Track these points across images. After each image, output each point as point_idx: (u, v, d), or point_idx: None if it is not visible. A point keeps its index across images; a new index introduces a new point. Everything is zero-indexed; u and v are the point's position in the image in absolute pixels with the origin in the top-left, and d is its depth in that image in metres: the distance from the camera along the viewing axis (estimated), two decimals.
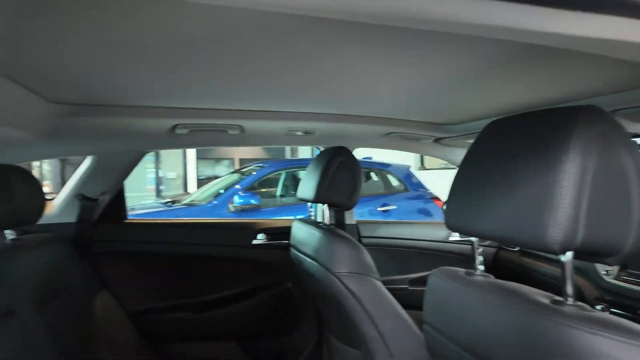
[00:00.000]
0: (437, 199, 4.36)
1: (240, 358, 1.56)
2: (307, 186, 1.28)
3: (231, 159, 11.26)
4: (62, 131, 1.13)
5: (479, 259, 0.69)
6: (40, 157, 1.34)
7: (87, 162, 1.42)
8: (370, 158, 4.88)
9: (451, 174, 0.75)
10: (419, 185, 4.61)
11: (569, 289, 0.50)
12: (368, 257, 1.12)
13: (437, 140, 1.62)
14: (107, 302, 1.34)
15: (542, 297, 0.53)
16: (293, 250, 1.38)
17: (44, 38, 0.59)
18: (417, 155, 7.73)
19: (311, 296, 1.46)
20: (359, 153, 1.30)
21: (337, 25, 0.59)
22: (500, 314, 0.55)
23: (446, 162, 1.79)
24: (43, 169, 6.84)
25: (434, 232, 1.87)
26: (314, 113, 1.28)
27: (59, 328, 0.98)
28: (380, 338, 1.07)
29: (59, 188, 1.48)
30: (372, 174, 4.73)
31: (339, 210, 1.71)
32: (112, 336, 1.30)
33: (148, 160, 9.29)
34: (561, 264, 0.51)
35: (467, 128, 1.44)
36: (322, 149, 1.63)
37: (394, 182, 4.60)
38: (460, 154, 1.63)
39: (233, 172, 5.34)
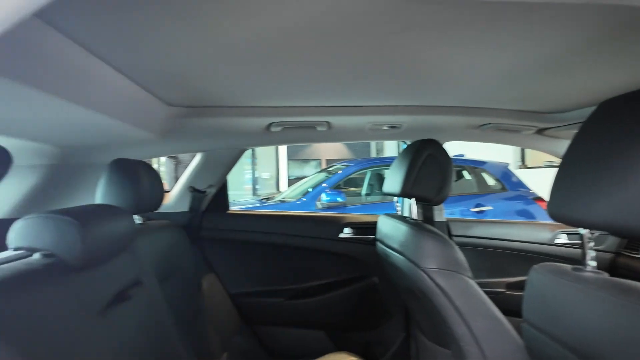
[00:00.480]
0: (540, 199, 3.91)
1: (328, 346, 1.61)
2: (394, 179, 1.26)
3: (318, 160, 11.63)
4: (177, 131, 1.30)
5: (590, 253, 0.62)
6: (159, 155, 1.57)
7: (197, 158, 1.62)
8: (462, 156, 4.60)
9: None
10: (519, 184, 4.18)
11: None
12: (459, 254, 1.07)
13: (540, 132, 1.46)
14: (213, 284, 1.51)
15: None
16: (379, 244, 1.38)
17: (165, 44, 0.70)
18: (517, 152, 7.01)
19: (399, 291, 1.44)
20: (451, 151, 1.25)
21: (423, 10, 0.58)
22: (615, 313, 0.49)
23: (552, 159, 1.61)
24: (160, 170, 7.93)
25: (536, 233, 1.69)
26: (400, 106, 1.26)
27: (175, 302, 1.13)
28: (473, 338, 1.01)
29: (173, 184, 1.70)
30: (465, 173, 4.45)
31: (427, 206, 1.65)
32: (216, 314, 1.45)
33: (245, 162, 10.10)
34: None
35: (575, 116, 1.27)
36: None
37: (490, 181, 4.25)
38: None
39: (320, 172, 5.51)
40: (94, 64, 0.77)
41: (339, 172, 4.43)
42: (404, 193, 1.20)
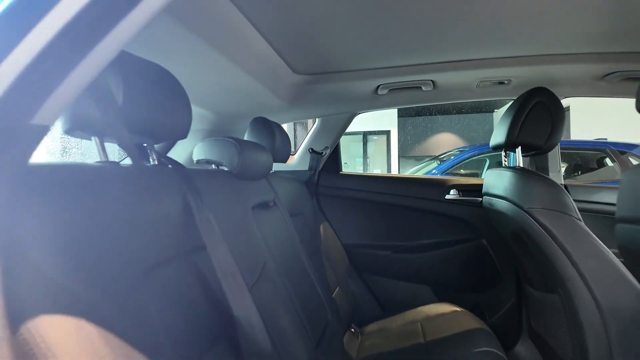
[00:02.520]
0: None
1: (434, 301, 1.67)
2: (499, 131, 1.26)
3: (430, 156, 11.28)
4: (301, 98, 1.54)
5: None
6: (284, 121, 1.85)
7: (316, 123, 1.87)
8: (605, 139, 3.99)
9: None
10: None
11: None
12: (567, 196, 1.05)
13: None
14: (328, 231, 1.73)
15: None
16: (485, 198, 1.40)
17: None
18: None
19: (509, 251, 1.43)
20: (591, 134, 1.15)
21: None
22: None
23: None
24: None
25: None
26: (509, 57, 1.26)
27: (301, 236, 1.35)
28: (581, 279, 0.99)
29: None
30: (607, 160, 3.85)
31: (540, 157, 1.59)
32: (331, 257, 1.66)
33: (358, 162, 10.38)
34: None
35: None
36: None
37: None
38: None
39: (433, 158, 5.42)
40: (244, 24, 0.99)
41: (452, 157, 4.31)
42: (510, 142, 1.20)
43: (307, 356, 0.90)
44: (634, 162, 3.64)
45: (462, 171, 4.33)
